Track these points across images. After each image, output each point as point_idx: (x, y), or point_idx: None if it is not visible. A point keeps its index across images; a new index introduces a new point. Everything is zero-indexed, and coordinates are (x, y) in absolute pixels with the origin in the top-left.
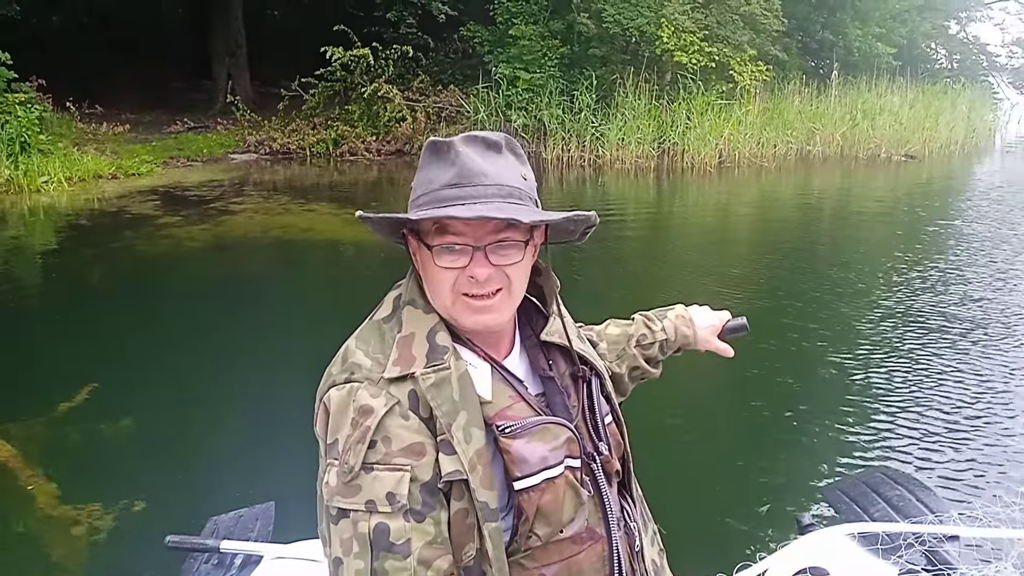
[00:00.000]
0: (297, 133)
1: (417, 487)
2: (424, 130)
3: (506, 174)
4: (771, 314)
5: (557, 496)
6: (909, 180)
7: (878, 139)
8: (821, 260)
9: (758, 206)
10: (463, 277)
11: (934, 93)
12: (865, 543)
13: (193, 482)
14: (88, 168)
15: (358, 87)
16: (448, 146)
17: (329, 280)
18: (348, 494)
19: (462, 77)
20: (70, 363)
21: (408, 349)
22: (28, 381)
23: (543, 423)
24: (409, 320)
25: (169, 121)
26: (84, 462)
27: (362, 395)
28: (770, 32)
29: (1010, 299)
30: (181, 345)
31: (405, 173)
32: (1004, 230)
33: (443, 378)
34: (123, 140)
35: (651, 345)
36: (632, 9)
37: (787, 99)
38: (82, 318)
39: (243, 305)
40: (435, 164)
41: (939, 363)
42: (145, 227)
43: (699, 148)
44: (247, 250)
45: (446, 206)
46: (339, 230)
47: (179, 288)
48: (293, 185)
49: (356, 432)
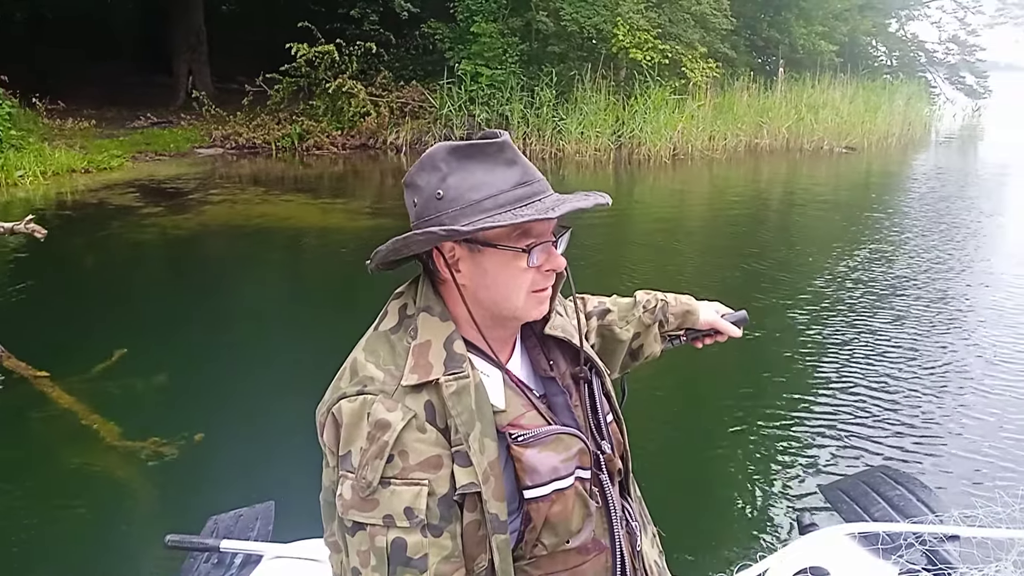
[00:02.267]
0: (262, 128)
1: (435, 501)
2: (388, 124)
3: None
4: (765, 301)
5: (566, 507)
6: (849, 170)
7: (821, 132)
8: (774, 246)
9: (711, 195)
10: (539, 274)
11: (873, 89)
12: (865, 543)
13: (193, 481)
14: (61, 163)
15: (322, 83)
16: (500, 146)
17: (317, 266)
18: (365, 508)
19: (423, 73)
20: (67, 358)
21: (425, 357)
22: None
23: (556, 433)
24: (425, 327)
25: (131, 116)
26: (84, 462)
27: (378, 408)
28: (720, 30)
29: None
30: (178, 339)
31: (370, 166)
32: (938, 215)
33: (463, 386)
34: (90, 135)
35: (655, 309)
36: (589, 8)
37: (736, 94)
38: (77, 309)
39: (238, 294)
40: (482, 167)
41: (939, 362)
42: (129, 217)
43: (654, 141)
44: (234, 237)
45: (527, 204)
46: (317, 218)
47: (170, 276)
48: (263, 178)
49: (373, 447)
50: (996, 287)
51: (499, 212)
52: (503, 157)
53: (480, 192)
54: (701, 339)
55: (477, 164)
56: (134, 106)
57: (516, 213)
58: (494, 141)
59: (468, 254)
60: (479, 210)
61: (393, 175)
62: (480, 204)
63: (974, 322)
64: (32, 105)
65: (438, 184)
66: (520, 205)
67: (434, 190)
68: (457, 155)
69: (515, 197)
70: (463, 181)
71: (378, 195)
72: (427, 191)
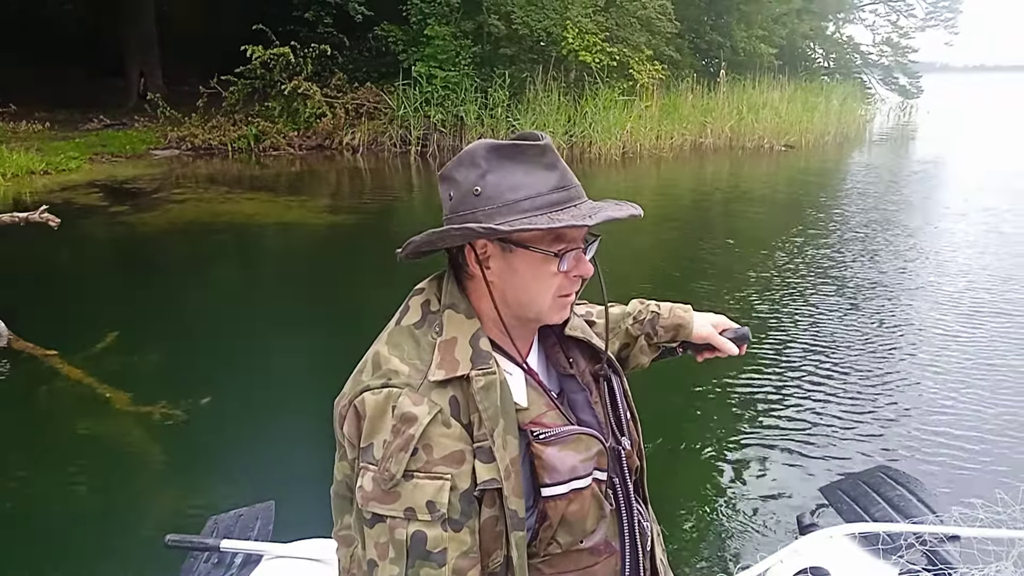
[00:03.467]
0: (218, 129)
1: (456, 496)
2: (343, 125)
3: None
4: (765, 299)
5: (583, 506)
6: (789, 166)
7: (761, 131)
8: (736, 241)
9: (659, 191)
10: (566, 279)
11: (811, 89)
12: (865, 543)
13: (193, 481)
14: (20, 164)
15: (277, 84)
16: (542, 150)
17: (289, 259)
18: (387, 500)
19: (378, 75)
20: (65, 340)
21: (451, 353)
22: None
23: (577, 433)
24: (451, 324)
25: (83, 119)
26: (83, 462)
27: (404, 402)
28: (664, 34)
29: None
30: (169, 336)
31: (326, 166)
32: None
33: (491, 382)
34: (45, 138)
35: (644, 320)
36: (539, 12)
37: (681, 96)
38: (63, 300)
39: (216, 288)
40: (522, 168)
41: (938, 360)
42: (96, 216)
43: (604, 140)
44: (204, 232)
45: (563, 209)
46: (282, 213)
47: (148, 272)
48: (222, 178)
49: (398, 440)
50: (993, 285)
51: (536, 214)
52: (543, 160)
53: (518, 192)
54: (701, 353)
55: (517, 164)
56: (86, 108)
57: (552, 217)
58: (536, 144)
59: (500, 252)
60: (516, 210)
61: (350, 175)
62: (518, 204)
63: (977, 319)
64: None
65: (476, 180)
66: (557, 209)
67: (472, 186)
68: (498, 154)
69: (552, 201)
70: (502, 180)
71: (336, 194)
72: (464, 186)
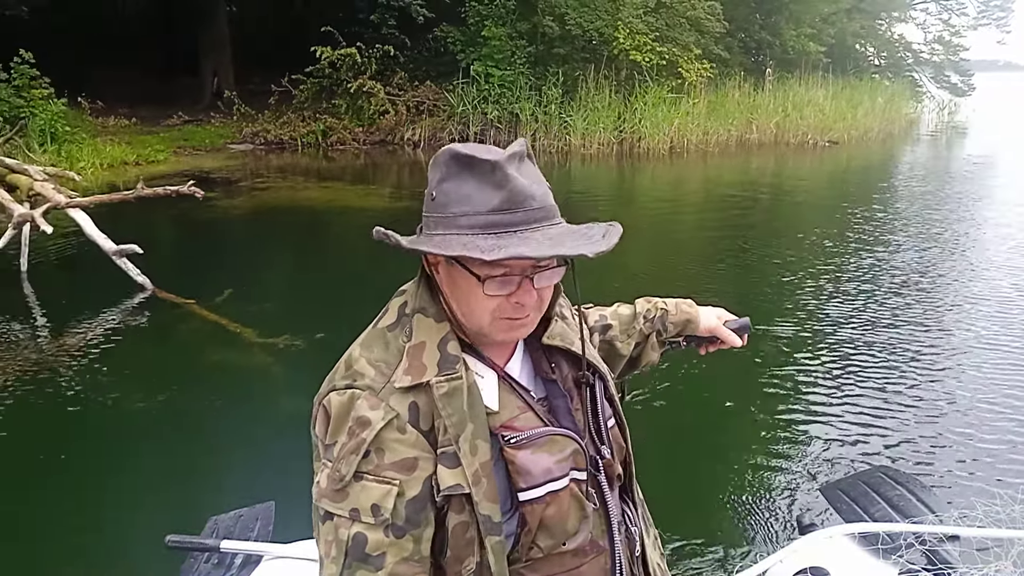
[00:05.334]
0: (288, 125)
1: (403, 502)
2: (405, 122)
3: (543, 190)
4: (767, 299)
5: (561, 509)
6: (831, 162)
7: (806, 127)
8: (770, 236)
9: (705, 185)
10: (507, 303)
11: (856, 87)
12: (865, 543)
13: (193, 482)
14: (115, 156)
15: (344, 83)
16: (492, 166)
17: (367, 236)
18: (336, 499)
19: (436, 74)
20: (196, 293)
21: (419, 358)
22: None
23: (549, 434)
24: (420, 329)
25: (164, 115)
26: (84, 461)
27: (361, 405)
28: (713, 33)
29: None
30: (275, 291)
31: (389, 160)
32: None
33: (455, 387)
34: (132, 132)
35: (654, 318)
36: (591, 13)
37: (728, 93)
38: (191, 271)
39: (307, 258)
40: (474, 181)
41: (939, 359)
42: (191, 200)
43: (653, 136)
44: (288, 213)
45: (500, 233)
46: (353, 200)
47: (247, 242)
48: (294, 170)
49: (352, 441)
50: (994, 282)
51: (468, 233)
52: (493, 177)
53: (462, 206)
54: (704, 346)
55: (470, 176)
56: (164, 105)
57: (470, 242)
58: (487, 159)
59: (444, 262)
60: (453, 225)
61: (410, 168)
62: (456, 219)
63: (976, 318)
64: (77, 104)
65: (435, 185)
66: (493, 231)
67: (431, 189)
68: (456, 162)
69: (490, 222)
70: (453, 191)
71: (399, 184)
72: (429, 187)
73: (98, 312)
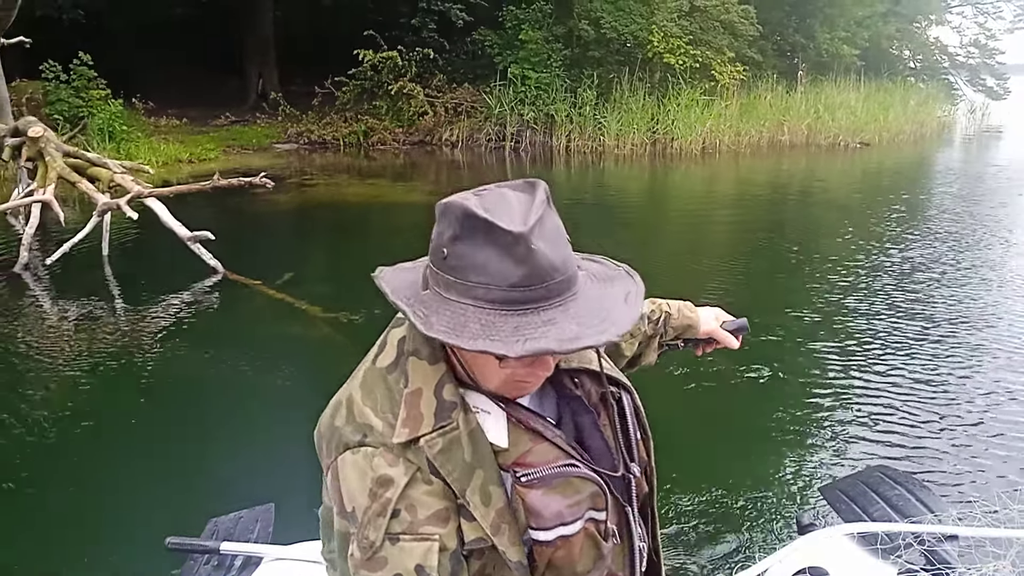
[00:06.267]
0: (331, 126)
1: (446, 556)
2: (443, 123)
3: (564, 255)
4: (768, 298)
5: (571, 552)
6: (863, 162)
7: (837, 129)
8: (795, 238)
9: (737, 185)
10: (522, 370)
11: (888, 89)
12: (864, 543)
13: (193, 483)
14: (169, 154)
15: (384, 85)
16: (515, 239)
17: (411, 228)
18: (373, 568)
19: (474, 76)
20: (263, 276)
21: (416, 407)
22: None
23: (565, 475)
24: (415, 373)
25: (211, 115)
26: (84, 462)
27: (379, 463)
28: (747, 37)
29: (992, 289)
30: (331, 274)
31: (427, 159)
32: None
33: (451, 440)
34: (184, 131)
35: (657, 320)
36: (626, 17)
37: (761, 95)
38: (254, 256)
39: (358, 246)
40: (492, 250)
41: (938, 359)
42: (245, 194)
43: (686, 137)
44: (337, 207)
45: (521, 311)
46: (396, 196)
47: (303, 232)
48: (337, 168)
49: (375, 504)
50: (998, 281)
51: (486, 308)
52: (514, 251)
53: (478, 276)
54: (701, 347)
55: (487, 244)
56: (211, 106)
57: (488, 323)
58: (508, 232)
59: None
60: (468, 294)
61: (448, 167)
62: (472, 289)
63: (976, 318)
64: (131, 104)
65: (447, 243)
66: (510, 310)
67: (441, 246)
68: (471, 224)
69: (508, 299)
70: (468, 256)
71: (437, 182)
72: (438, 241)
73: (176, 291)
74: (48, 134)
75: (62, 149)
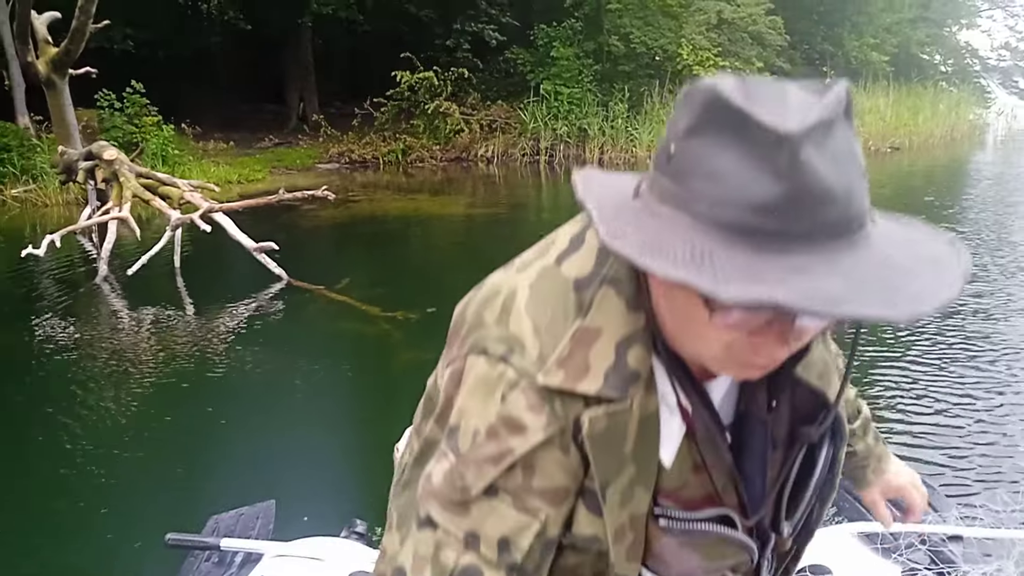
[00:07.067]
0: (371, 145)
1: (540, 542)
2: (479, 139)
3: (849, 182)
4: None
5: None
6: (894, 166)
7: (867, 133)
8: None
9: None
10: (745, 341)
11: (918, 94)
12: (868, 542)
13: (194, 480)
14: (220, 175)
15: (421, 104)
16: (779, 139)
17: (453, 237)
18: (451, 511)
19: (507, 93)
20: (319, 281)
21: (584, 352)
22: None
23: (716, 536)
24: (601, 309)
25: (255, 138)
26: (84, 460)
27: (516, 400)
28: (775, 47)
29: (1006, 284)
30: (385, 279)
31: (464, 175)
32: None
33: (617, 424)
34: (231, 154)
35: (856, 457)
36: (655, 31)
37: None
38: (313, 264)
39: (405, 252)
40: (741, 151)
41: (939, 358)
42: (295, 210)
43: None
44: (383, 220)
45: (761, 245)
46: (436, 209)
47: (354, 242)
48: (378, 185)
49: (490, 446)
50: (1008, 281)
51: (710, 228)
52: (775, 158)
53: (710, 186)
54: None
55: (736, 142)
56: (254, 130)
57: (705, 248)
58: (771, 128)
59: None
60: (688, 207)
61: (484, 182)
62: (695, 201)
63: (978, 318)
64: (180, 129)
65: (680, 135)
66: (745, 238)
67: (672, 138)
68: (720, 112)
69: (746, 225)
70: (704, 157)
71: (474, 195)
72: (669, 132)
73: (244, 298)
74: (121, 156)
75: (134, 170)
